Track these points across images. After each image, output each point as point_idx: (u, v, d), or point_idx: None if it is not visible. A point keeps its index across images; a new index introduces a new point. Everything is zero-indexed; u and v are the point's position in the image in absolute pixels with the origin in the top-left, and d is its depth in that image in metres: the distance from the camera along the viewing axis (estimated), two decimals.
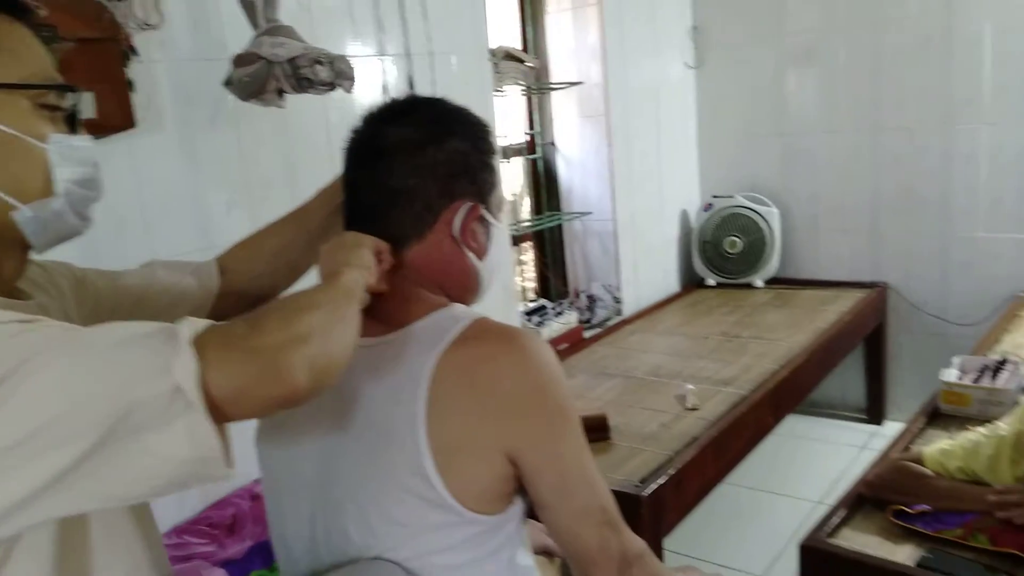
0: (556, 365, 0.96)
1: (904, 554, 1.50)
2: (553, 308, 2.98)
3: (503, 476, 0.93)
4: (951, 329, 3.13)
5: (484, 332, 0.94)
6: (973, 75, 3.01)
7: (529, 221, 3.18)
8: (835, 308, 3.10)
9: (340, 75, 1.70)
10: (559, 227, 3.33)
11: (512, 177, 3.23)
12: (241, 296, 1.15)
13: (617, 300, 3.23)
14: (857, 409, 3.51)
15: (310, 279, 1.01)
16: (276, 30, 1.70)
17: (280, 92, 1.64)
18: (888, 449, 1.86)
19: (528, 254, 3.35)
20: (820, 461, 3.10)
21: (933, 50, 3.08)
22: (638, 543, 0.96)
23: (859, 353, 3.40)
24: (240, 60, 1.66)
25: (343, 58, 1.73)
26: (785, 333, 2.87)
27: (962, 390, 2.02)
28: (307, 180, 1.46)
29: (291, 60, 1.63)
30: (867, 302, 3.19)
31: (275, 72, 1.62)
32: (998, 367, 2.10)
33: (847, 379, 3.46)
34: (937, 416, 2.05)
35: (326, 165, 1.52)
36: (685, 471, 1.94)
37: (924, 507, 1.57)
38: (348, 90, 1.72)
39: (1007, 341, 2.54)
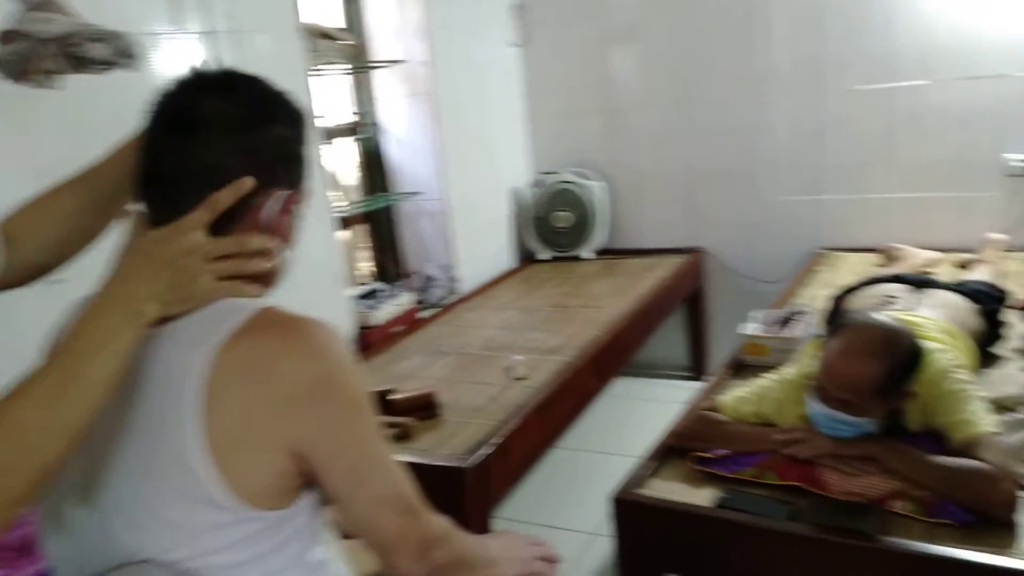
0: (344, 353, 0.94)
1: (705, 497, 1.61)
2: (387, 291, 2.96)
3: (288, 471, 0.91)
4: (761, 287, 3.38)
5: (268, 322, 0.92)
6: (771, 52, 3.25)
7: (358, 203, 3.13)
8: (656, 274, 3.27)
9: (121, 53, 1.59)
10: (391, 208, 3.30)
11: (339, 159, 3.17)
12: (28, 267, 1.06)
13: (453, 279, 3.25)
14: (681, 367, 3.73)
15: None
16: (45, 4, 1.57)
17: (50, 72, 1.51)
18: (695, 402, 1.99)
19: (361, 237, 3.31)
20: (649, 419, 3.23)
21: (738, 28, 3.29)
22: (439, 525, 0.97)
23: (681, 315, 3.62)
24: (3, 38, 1.53)
25: (125, 35, 1.62)
26: (610, 301, 3.00)
27: (760, 341, 2.19)
28: None
29: (61, 37, 1.51)
30: (685, 267, 3.39)
31: (42, 50, 1.49)
32: (791, 318, 2.29)
33: (671, 340, 3.68)
34: (742, 367, 2.22)
35: None
36: (511, 440, 1.98)
37: (723, 451, 1.69)
38: (131, 69, 1.62)
39: (803, 294, 2.77)
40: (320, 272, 2.53)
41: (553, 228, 3.66)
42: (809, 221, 3.34)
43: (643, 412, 3.39)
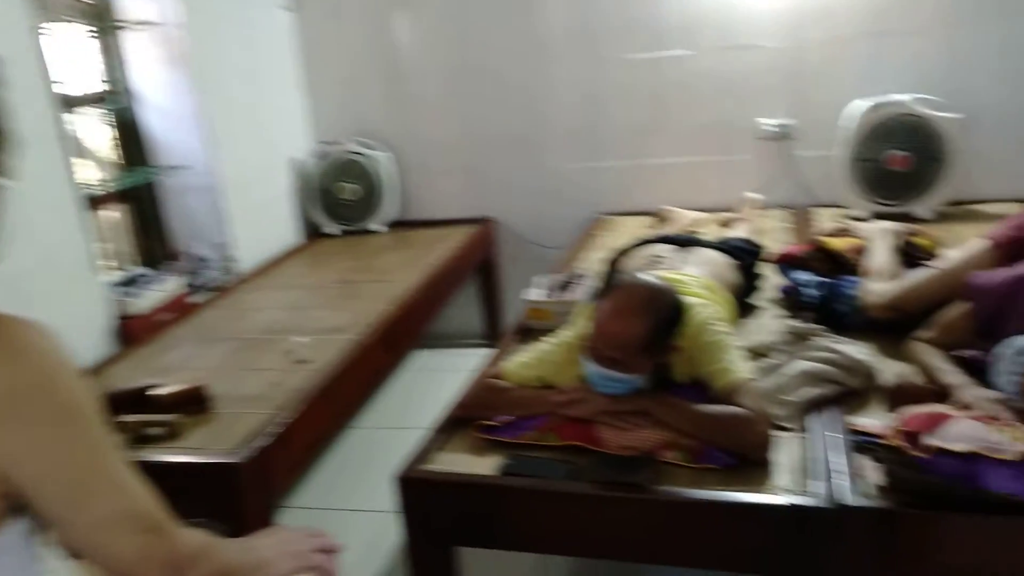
0: (56, 354, 0.80)
1: (491, 465, 1.60)
2: (151, 275, 2.69)
3: None
4: (548, 253, 3.45)
5: None
6: (547, 20, 3.30)
7: (112, 179, 2.81)
8: (447, 245, 3.24)
9: None
10: (153, 185, 3.00)
11: (88, 129, 2.82)
12: None
13: (229, 259, 3.03)
14: (478, 336, 3.76)
15: None
16: None
17: None
18: (479, 371, 1.98)
19: (122, 217, 2.98)
20: (447, 390, 3.24)
21: None
22: (191, 541, 0.86)
23: (475, 284, 3.63)
24: None
25: None
26: (401, 274, 2.93)
27: (542, 306, 2.22)
28: None
29: None
30: (476, 236, 3.39)
31: None
32: (571, 282, 2.34)
33: (467, 309, 3.69)
34: (527, 333, 2.23)
35: None
36: (293, 427, 1.87)
37: (507, 418, 1.69)
38: None
39: (583, 258, 2.86)
40: (62, 257, 2.23)
41: (339, 201, 3.52)
42: (590, 187, 3.45)
43: (441, 383, 3.35)
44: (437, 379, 3.42)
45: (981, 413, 1.42)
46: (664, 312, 1.56)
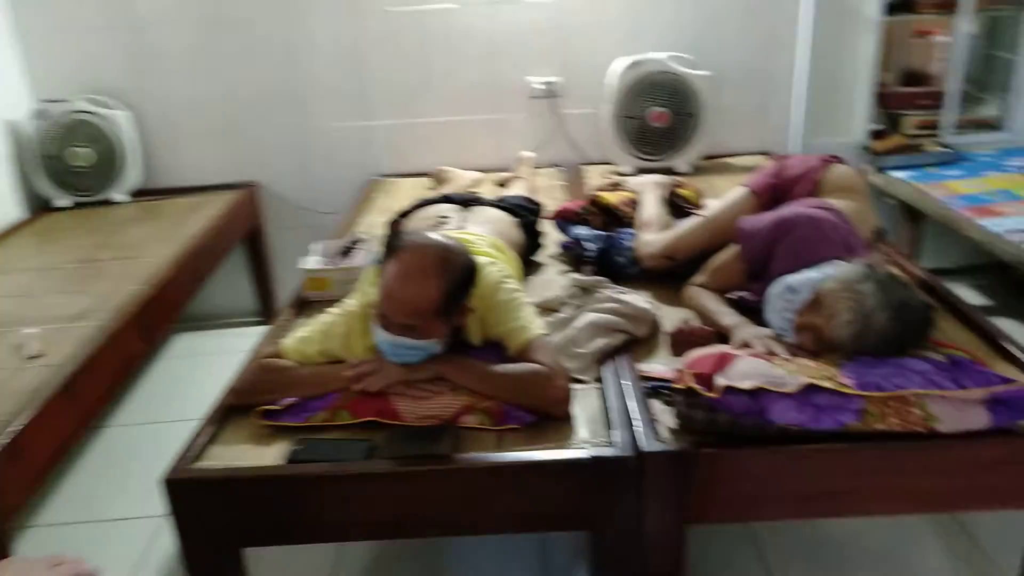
0: None
1: (277, 454, 1.43)
2: None
3: None
4: (323, 219, 3.24)
5: None
6: None
7: None
8: (205, 214, 2.92)
9: None
10: None
11: None
12: None
13: None
14: (251, 313, 3.47)
15: None
16: None
17: None
18: (254, 351, 1.79)
19: None
20: (218, 376, 2.97)
21: None
22: None
23: (241, 256, 3.33)
24: None
25: None
26: (152, 249, 2.59)
27: (321, 275, 2.05)
28: None
29: None
30: (238, 203, 3.09)
31: None
32: (352, 247, 2.19)
33: (235, 285, 3.39)
34: (306, 305, 2.06)
35: None
36: (27, 435, 1.57)
37: (290, 400, 1.53)
38: None
39: (362, 222, 2.70)
40: None
41: (70, 168, 3.04)
42: (362, 147, 3.28)
43: (210, 369, 3.04)
44: (204, 364, 3.11)
45: (759, 350, 1.49)
46: (457, 272, 1.47)
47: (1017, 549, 1.54)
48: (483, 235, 1.92)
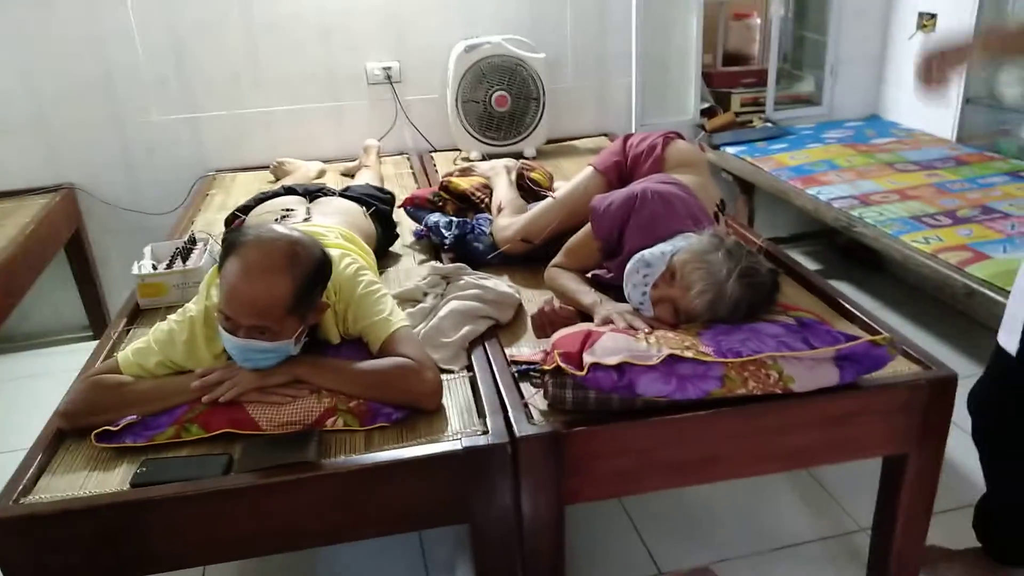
0: None
1: (119, 478, 1.30)
2: None
3: None
4: (153, 221, 3.00)
5: None
6: None
7: None
8: (14, 222, 2.61)
9: None
10: None
11: None
12: None
13: None
14: (79, 328, 3.17)
15: None
16: None
17: None
18: (85, 368, 1.61)
19: None
20: (44, 400, 2.68)
21: None
22: None
23: (62, 266, 3.03)
24: None
25: None
26: None
27: (155, 280, 1.88)
28: None
29: None
30: (53, 209, 2.79)
31: None
32: (189, 248, 2.03)
33: (59, 298, 3.09)
34: (142, 314, 1.89)
35: None
36: None
37: (131, 418, 1.38)
38: None
39: (200, 221, 2.52)
40: None
41: None
42: (191, 142, 3.05)
43: (36, 392, 2.76)
44: (29, 388, 2.82)
45: (621, 326, 1.51)
46: (308, 266, 1.38)
47: (866, 495, 1.66)
48: (332, 227, 1.83)
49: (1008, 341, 1.52)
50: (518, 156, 2.98)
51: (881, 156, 2.98)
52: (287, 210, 1.99)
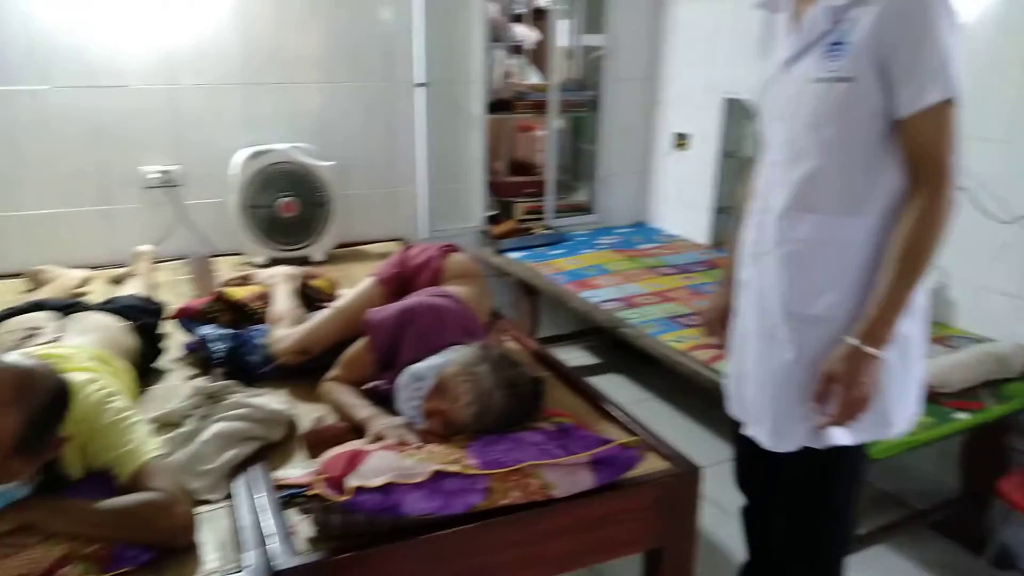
0: None
1: None
2: None
3: None
4: None
5: None
6: None
7: None
8: None
9: None
10: None
11: None
12: None
13: None
14: None
15: None
16: None
17: None
18: None
19: None
20: None
21: None
22: None
23: None
24: None
25: None
26: None
27: None
28: None
29: None
30: None
31: None
32: None
33: None
34: None
35: None
36: None
37: None
38: None
39: None
40: None
41: None
42: None
43: None
44: None
45: (393, 441, 1.51)
46: (40, 399, 1.26)
47: None
48: (83, 347, 1.69)
49: (759, 432, 1.58)
50: (306, 261, 2.96)
51: (645, 260, 3.27)
52: (32, 329, 1.82)
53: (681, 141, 3.66)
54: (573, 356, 3.70)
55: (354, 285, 2.24)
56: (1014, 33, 2.25)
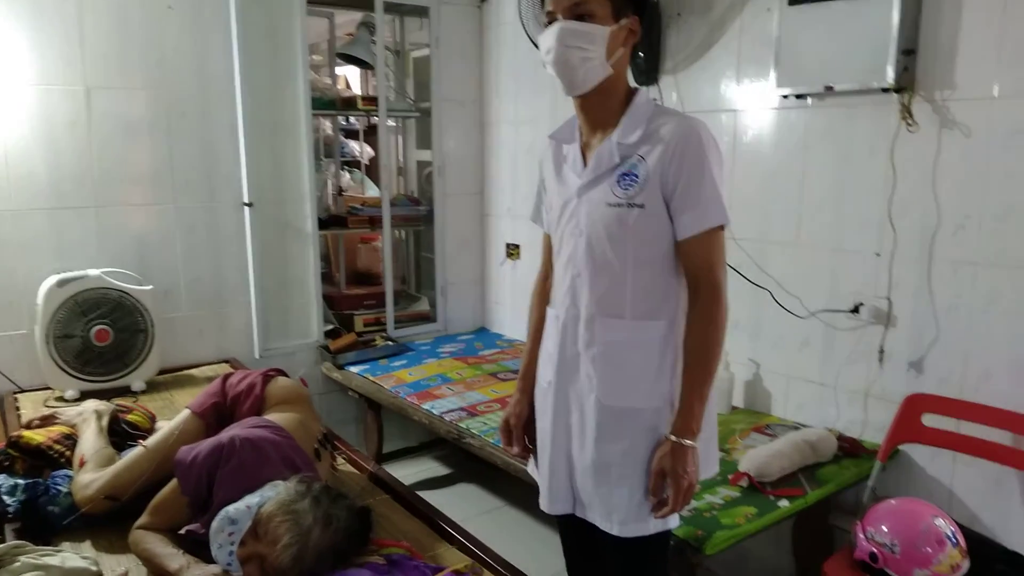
0: None
1: None
2: None
3: None
4: None
5: None
6: None
7: None
8: None
9: None
10: None
11: None
12: None
13: None
14: None
15: None
16: None
17: None
18: None
19: None
20: None
21: None
22: None
23: None
24: None
25: None
26: None
27: None
28: None
29: None
30: None
31: None
32: None
33: None
34: None
35: None
36: None
37: None
38: None
39: None
40: None
41: None
42: None
43: None
44: None
45: None
46: None
47: None
48: None
49: (603, 521, 1.58)
50: (125, 391, 2.76)
51: (486, 367, 3.29)
52: None
53: (512, 251, 3.79)
54: (423, 468, 3.62)
55: (175, 415, 2.10)
56: (791, 151, 2.53)
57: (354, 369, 3.34)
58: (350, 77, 5.54)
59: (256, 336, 3.33)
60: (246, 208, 3.23)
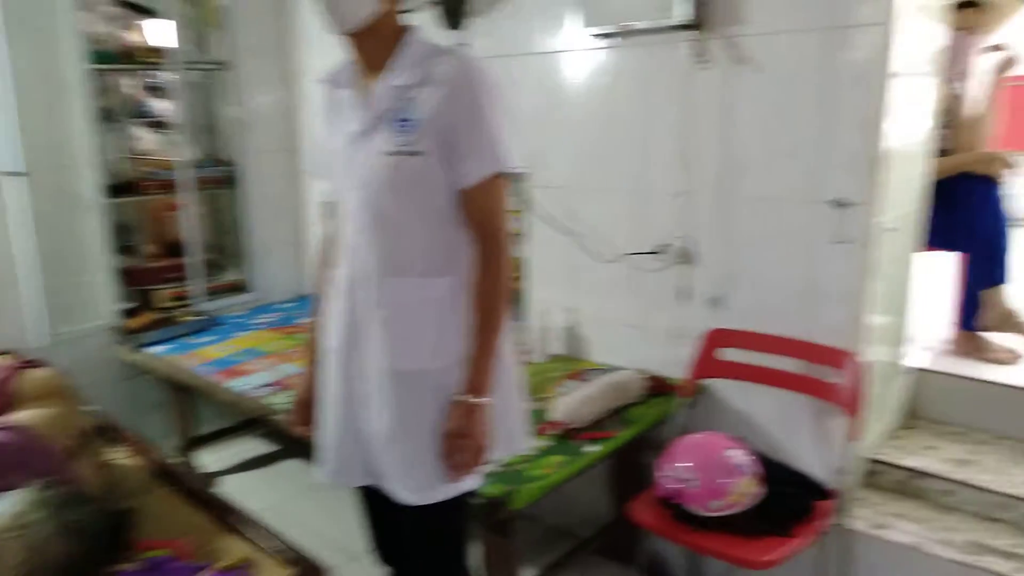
0: None
1: None
2: None
3: None
4: None
5: None
6: None
7: None
8: None
9: None
10: None
11: None
12: None
13: None
14: None
15: None
16: None
17: None
18: None
19: None
20: None
21: None
22: None
23: None
24: None
25: None
26: None
27: None
28: None
29: None
30: None
31: None
32: None
33: None
34: None
35: None
36: None
37: None
38: None
39: None
40: None
41: None
42: None
43: None
44: None
45: None
46: None
47: None
48: None
49: (398, 489, 1.50)
50: None
51: (304, 336, 3.10)
52: None
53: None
54: (244, 449, 3.41)
55: None
56: (600, 94, 2.48)
57: (155, 349, 3.06)
58: (158, 30, 5.03)
59: (43, 321, 2.98)
60: (14, 179, 2.84)
